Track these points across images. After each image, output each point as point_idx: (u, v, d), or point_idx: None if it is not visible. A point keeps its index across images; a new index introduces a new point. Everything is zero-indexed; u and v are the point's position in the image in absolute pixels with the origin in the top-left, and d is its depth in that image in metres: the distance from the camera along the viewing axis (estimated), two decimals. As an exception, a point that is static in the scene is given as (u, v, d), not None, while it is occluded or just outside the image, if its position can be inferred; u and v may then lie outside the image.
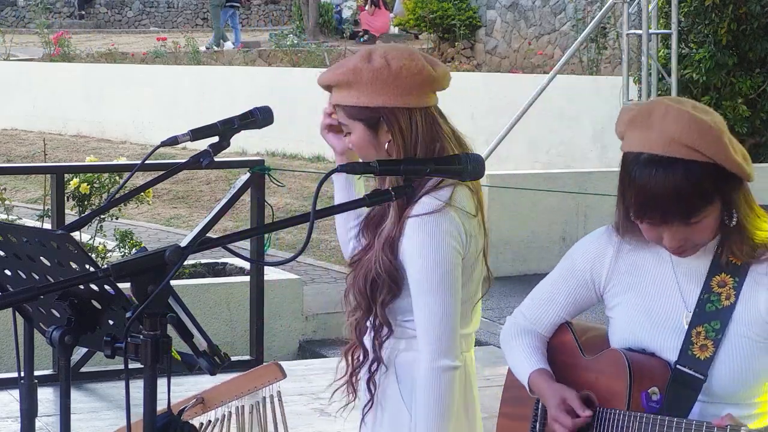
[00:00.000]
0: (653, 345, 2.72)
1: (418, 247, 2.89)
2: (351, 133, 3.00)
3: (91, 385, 6.59)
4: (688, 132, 2.52)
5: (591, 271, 2.86)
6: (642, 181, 2.56)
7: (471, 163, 2.57)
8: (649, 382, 2.65)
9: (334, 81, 2.98)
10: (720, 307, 2.65)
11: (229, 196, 2.60)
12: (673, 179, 2.52)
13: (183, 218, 13.18)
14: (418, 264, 2.89)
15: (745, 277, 2.64)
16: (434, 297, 2.89)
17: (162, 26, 32.79)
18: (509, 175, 10.39)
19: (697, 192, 2.53)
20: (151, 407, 2.20)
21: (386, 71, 2.92)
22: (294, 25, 27.22)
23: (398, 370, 3.00)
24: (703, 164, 2.53)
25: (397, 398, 3.00)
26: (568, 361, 2.89)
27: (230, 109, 3.89)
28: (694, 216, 2.56)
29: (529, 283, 3.08)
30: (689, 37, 11.50)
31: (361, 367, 3.04)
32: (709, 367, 2.62)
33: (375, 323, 2.99)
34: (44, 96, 20.79)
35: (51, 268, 2.32)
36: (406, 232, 2.90)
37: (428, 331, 2.89)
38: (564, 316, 2.95)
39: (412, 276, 2.91)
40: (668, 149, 2.53)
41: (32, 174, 12.72)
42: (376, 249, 2.95)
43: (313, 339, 8.23)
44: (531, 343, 2.94)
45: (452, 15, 20.16)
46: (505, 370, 3.09)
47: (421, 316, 2.90)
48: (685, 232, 2.59)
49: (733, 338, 2.63)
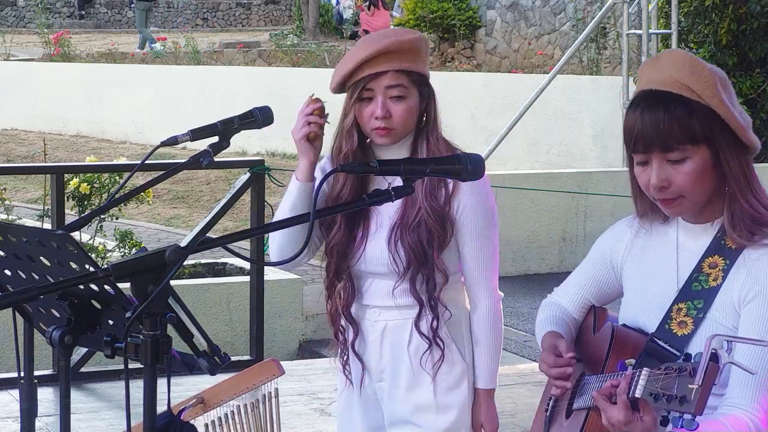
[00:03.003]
0: (641, 320, 2.75)
1: (482, 199, 3.25)
2: (405, 99, 3.19)
3: (91, 385, 6.58)
4: (681, 69, 2.61)
5: (612, 254, 2.92)
6: (632, 114, 2.64)
7: (471, 163, 2.58)
8: (629, 353, 2.68)
9: (409, 46, 3.18)
10: (706, 287, 2.64)
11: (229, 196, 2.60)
12: (656, 110, 2.60)
13: (183, 218, 13.18)
14: (482, 213, 3.25)
15: (735, 261, 2.63)
16: (492, 241, 3.30)
17: (162, 26, 32.80)
18: (509, 175, 10.39)
19: (679, 124, 2.57)
20: (151, 407, 2.20)
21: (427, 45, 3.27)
22: (294, 25, 27.24)
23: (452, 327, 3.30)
24: (695, 102, 2.58)
25: (455, 354, 3.30)
26: (584, 339, 2.97)
27: (230, 109, 3.90)
28: (675, 149, 2.58)
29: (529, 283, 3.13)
30: (689, 37, 11.51)
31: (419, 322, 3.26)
32: (685, 344, 2.62)
33: (427, 282, 3.22)
34: (44, 96, 20.80)
35: (51, 268, 2.32)
36: (464, 189, 3.21)
37: (490, 270, 3.31)
38: (589, 297, 3.01)
39: (476, 224, 3.24)
40: (662, 85, 2.62)
41: (32, 174, 12.71)
42: (421, 203, 3.18)
43: (313, 339, 8.22)
44: (551, 314, 3.03)
45: (452, 15, 20.16)
46: (504, 369, 3.12)
47: (482, 258, 3.28)
48: (667, 171, 2.61)
49: (712, 322, 2.62)
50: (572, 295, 3.03)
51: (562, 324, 2.99)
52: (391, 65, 3.16)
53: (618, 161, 12.06)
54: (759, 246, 2.61)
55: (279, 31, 27.37)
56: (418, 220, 3.19)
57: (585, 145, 13.82)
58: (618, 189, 10.17)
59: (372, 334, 3.33)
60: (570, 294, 3.04)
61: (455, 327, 3.31)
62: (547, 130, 14.02)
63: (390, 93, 3.18)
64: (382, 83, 3.18)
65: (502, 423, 3.61)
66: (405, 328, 3.29)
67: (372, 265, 3.27)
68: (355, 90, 3.20)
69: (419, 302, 3.23)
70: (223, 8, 34.78)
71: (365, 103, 3.20)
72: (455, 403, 3.29)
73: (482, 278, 3.31)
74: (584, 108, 13.78)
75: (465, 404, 3.31)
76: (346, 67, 3.20)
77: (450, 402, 3.29)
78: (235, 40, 26.83)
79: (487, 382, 3.32)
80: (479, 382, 3.32)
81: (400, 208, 3.22)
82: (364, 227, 3.28)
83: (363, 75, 3.17)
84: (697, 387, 2.26)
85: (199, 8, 34.59)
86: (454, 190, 3.22)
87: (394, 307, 3.28)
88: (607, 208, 10.33)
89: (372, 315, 3.32)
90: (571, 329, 3.00)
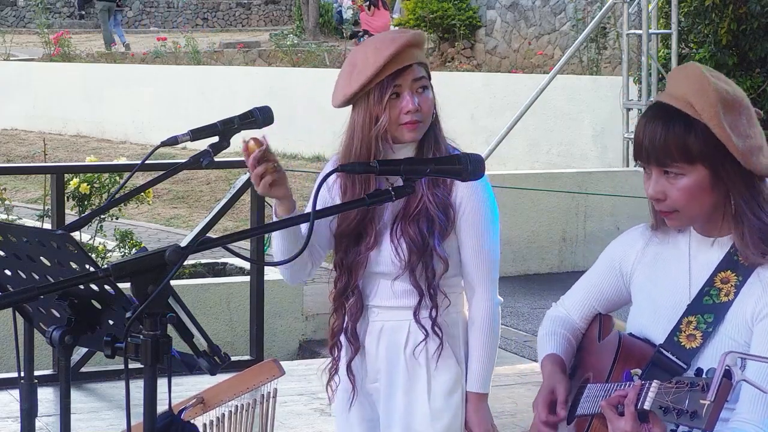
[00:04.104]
0: (650, 330, 2.75)
1: (481, 199, 3.24)
2: (427, 89, 3.22)
3: (91, 385, 6.58)
4: (691, 85, 2.61)
5: (620, 261, 2.91)
6: (639, 123, 2.67)
7: (471, 163, 2.58)
8: (635, 362, 2.67)
9: (420, 39, 3.22)
10: (717, 302, 2.64)
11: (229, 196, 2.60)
12: (655, 123, 2.61)
13: (183, 218, 13.18)
14: (482, 213, 3.24)
15: (749, 278, 2.63)
16: (492, 241, 3.28)
17: (162, 26, 32.80)
18: (509, 175, 10.39)
19: (676, 141, 2.58)
20: (151, 407, 2.20)
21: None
22: (294, 25, 27.25)
23: (448, 332, 3.27)
24: (695, 121, 2.58)
25: (451, 359, 3.28)
26: (588, 347, 2.96)
27: (230, 109, 3.89)
28: (669, 165, 2.59)
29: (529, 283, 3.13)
30: (689, 37, 11.51)
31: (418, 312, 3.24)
32: (693, 357, 2.62)
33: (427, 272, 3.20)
34: (44, 96, 20.80)
35: (51, 268, 2.32)
36: (462, 188, 3.20)
37: (488, 273, 3.29)
38: (595, 305, 2.99)
39: (475, 224, 3.23)
40: (671, 99, 2.62)
41: (32, 174, 12.71)
42: (423, 192, 3.19)
43: (313, 339, 8.22)
44: (552, 329, 3.01)
45: (452, 15, 20.15)
46: (504, 369, 3.12)
47: (481, 258, 3.26)
48: (663, 184, 2.62)
49: (723, 337, 2.62)
50: (578, 303, 3.02)
51: (563, 341, 2.97)
52: (413, 58, 3.19)
53: (618, 161, 12.06)
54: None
55: (279, 31, 27.37)
56: (420, 209, 3.20)
57: (585, 145, 13.82)
58: (618, 189, 10.18)
59: (370, 334, 3.32)
60: (576, 302, 3.03)
61: (452, 329, 3.30)
62: (547, 130, 14.01)
63: (416, 85, 3.19)
64: (408, 78, 3.18)
65: (502, 423, 3.61)
66: (402, 329, 3.28)
67: (377, 266, 3.26)
68: (383, 90, 3.17)
69: (419, 291, 3.23)
70: (223, 8, 34.78)
71: (391, 101, 3.18)
72: (449, 408, 3.29)
73: (480, 279, 3.29)
74: (584, 108, 13.78)
75: (458, 410, 3.30)
76: (367, 71, 3.15)
77: (444, 407, 3.29)
78: (235, 40, 26.83)
79: (479, 385, 3.31)
80: (471, 386, 3.31)
81: (402, 202, 3.22)
82: (370, 235, 3.25)
83: (388, 74, 3.15)
84: (709, 403, 2.25)
85: (199, 8, 34.58)
86: (453, 190, 3.24)
87: (393, 308, 3.28)
88: (607, 208, 10.34)
89: (371, 315, 3.31)
90: (573, 343, 2.99)
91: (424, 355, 3.27)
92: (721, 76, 2.71)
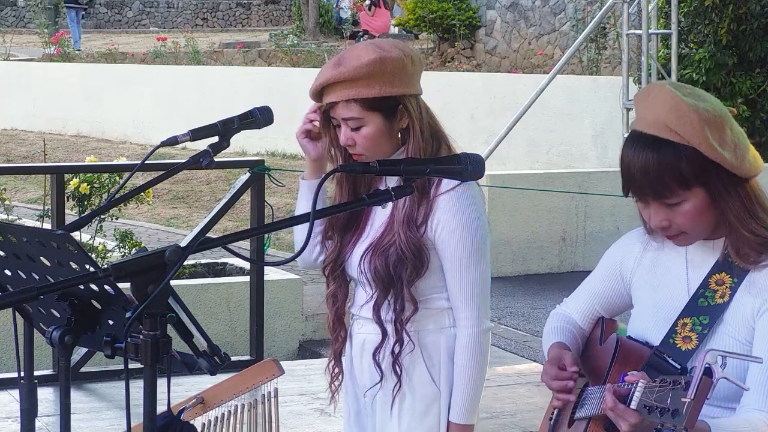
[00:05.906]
0: (649, 333, 2.75)
1: (461, 218, 3.06)
2: (363, 126, 3.04)
3: (91, 385, 6.59)
4: (668, 113, 2.57)
5: (621, 265, 2.91)
6: (624, 157, 2.64)
7: (471, 163, 2.58)
8: (632, 365, 2.67)
9: (352, 76, 3.00)
10: (712, 304, 2.65)
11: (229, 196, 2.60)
12: (644, 157, 2.57)
13: (183, 218, 13.18)
14: (461, 234, 3.06)
15: (744, 279, 2.63)
16: (477, 264, 3.08)
17: (162, 26, 32.80)
18: (509, 175, 10.39)
19: (669, 172, 2.56)
20: (151, 407, 2.20)
21: (406, 60, 3.04)
22: (294, 25, 27.24)
23: (426, 349, 3.12)
24: (682, 147, 2.55)
25: (425, 377, 3.12)
26: (590, 351, 2.96)
27: (230, 109, 3.89)
28: (669, 197, 2.58)
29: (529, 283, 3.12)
30: (689, 37, 11.50)
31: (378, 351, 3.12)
32: (688, 360, 2.62)
33: (395, 305, 3.08)
34: (44, 96, 20.80)
35: (51, 268, 2.32)
36: (442, 207, 3.05)
37: (473, 296, 3.09)
38: (598, 309, 2.99)
39: (454, 246, 3.06)
40: (652, 128, 2.58)
41: (32, 174, 12.72)
42: (397, 230, 3.05)
43: (313, 339, 8.23)
44: (559, 325, 3.00)
45: (452, 15, 20.15)
46: (504, 369, 3.11)
47: (464, 282, 3.08)
48: (666, 213, 2.61)
49: (720, 337, 2.62)
50: (581, 306, 3.01)
51: (569, 335, 2.97)
52: (339, 95, 3.02)
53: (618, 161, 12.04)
54: (763, 268, 2.61)
55: (279, 31, 27.38)
56: (391, 245, 3.06)
57: (585, 145, 13.82)
58: (618, 189, 10.10)
59: (355, 347, 3.25)
60: (579, 305, 3.02)
61: (433, 349, 3.13)
62: (547, 130, 14.01)
63: (347, 123, 3.06)
64: (338, 113, 3.06)
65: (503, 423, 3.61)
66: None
67: (351, 270, 3.20)
68: (324, 116, 3.11)
69: (382, 331, 3.11)
70: (223, 8, 34.79)
71: (337, 129, 3.11)
72: (422, 430, 3.13)
73: (465, 305, 3.09)
74: (584, 108, 13.78)
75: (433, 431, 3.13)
76: (311, 91, 3.09)
77: (416, 429, 3.14)
78: (234, 40, 26.85)
79: (460, 416, 3.11)
80: (452, 415, 3.12)
81: (385, 222, 3.11)
82: (356, 232, 3.20)
83: (324, 102, 3.07)
84: (689, 401, 2.25)
85: (199, 8, 34.58)
86: (432, 208, 3.06)
87: (372, 321, 3.16)
88: (607, 208, 10.34)
89: (357, 326, 3.24)
90: (578, 340, 2.98)
91: (378, 393, 3.16)
92: (691, 89, 2.67)
